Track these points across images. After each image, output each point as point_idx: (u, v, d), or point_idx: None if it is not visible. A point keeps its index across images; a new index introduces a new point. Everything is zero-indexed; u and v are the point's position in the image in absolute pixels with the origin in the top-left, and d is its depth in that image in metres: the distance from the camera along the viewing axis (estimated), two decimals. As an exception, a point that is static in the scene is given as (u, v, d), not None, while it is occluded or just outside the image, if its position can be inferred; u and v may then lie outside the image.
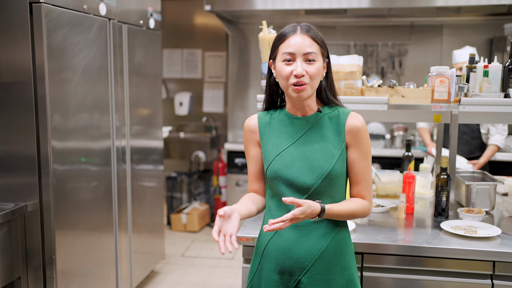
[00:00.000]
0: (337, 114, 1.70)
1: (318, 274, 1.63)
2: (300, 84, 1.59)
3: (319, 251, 1.63)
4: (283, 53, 1.61)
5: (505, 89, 2.45)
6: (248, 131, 1.77)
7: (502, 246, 1.98)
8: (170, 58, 5.86)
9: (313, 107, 1.71)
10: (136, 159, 3.51)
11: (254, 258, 1.76)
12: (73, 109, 2.73)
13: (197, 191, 5.55)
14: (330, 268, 1.64)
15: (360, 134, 1.67)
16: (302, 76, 1.58)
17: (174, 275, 4.01)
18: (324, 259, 1.64)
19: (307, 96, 1.63)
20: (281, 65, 1.62)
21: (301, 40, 1.60)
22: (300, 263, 1.64)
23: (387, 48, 5.02)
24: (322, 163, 1.63)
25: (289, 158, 1.66)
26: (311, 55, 1.60)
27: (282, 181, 1.65)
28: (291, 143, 1.68)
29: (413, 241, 2.04)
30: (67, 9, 2.61)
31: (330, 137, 1.67)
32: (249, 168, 1.80)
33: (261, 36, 2.58)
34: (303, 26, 1.64)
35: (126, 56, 3.28)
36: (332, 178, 1.64)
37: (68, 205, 2.72)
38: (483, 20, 4.82)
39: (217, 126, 5.75)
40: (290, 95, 1.64)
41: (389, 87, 2.46)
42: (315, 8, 4.38)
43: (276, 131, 1.72)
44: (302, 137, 1.68)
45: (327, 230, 1.65)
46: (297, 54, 1.59)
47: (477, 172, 2.78)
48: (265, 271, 1.69)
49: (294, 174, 1.64)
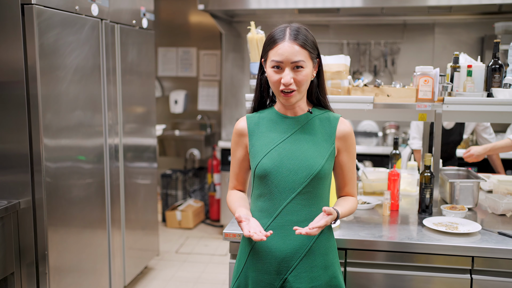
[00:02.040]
0: (328, 117, 1.76)
1: (303, 272, 1.67)
2: (288, 91, 1.65)
3: (305, 249, 1.67)
4: (272, 60, 1.65)
5: (488, 89, 2.50)
6: (237, 134, 1.80)
7: (481, 242, 2.03)
8: (165, 57, 5.90)
9: (303, 107, 1.75)
10: (129, 156, 3.55)
11: (240, 257, 1.79)
12: (65, 108, 2.77)
13: (192, 189, 5.60)
14: (315, 266, 1.69)
15: (350, 139, 1.76)
16: (290, 84, 1.63)
17: (168, 271, 4.07)
18: (309, 257, 1.68)
19: (296, 101, 1.69)
20: (270, 71, 1.67)
21: (289, 48, 1.63)
22: (286, 262, 1.67)
23: (380, 46, 5.07)
24: (312, 163, 1.67)
25: (279, 157, 1.69)
26: (299, 63, 1.63)
27: (271, 179, 1.68)
28: (281, 141, 1.71)
29: (395, 237, 2.09)
30: (59, 10, 2.65)
31: (320, 138, 1.72)
32: (232, 168, 1.85)
33: (249, 36, 2.62)
34: (292, 32, 1.65)
35: (118, 55, 3.33)
36: (320, 178, 1.68)
37: (61, 202, 2.76)
38: (474, 19, 4.87)
39: (211, 124, 5.80)
40: (280, 100, 1.71)
41: (375, 87, 2.51)
42: (308, 7, 4.42)
43: (265, 130, 1.75)
44: (292, 136, 1.72)
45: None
46: (285, 62, 1.63)
47: (462, 169, 2.83)
48: (251, 270, 1.72)
49: (284, 172, 1.67)
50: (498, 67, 2.48)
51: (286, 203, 1.68)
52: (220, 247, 4.65)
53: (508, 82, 2.44)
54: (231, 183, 1.87)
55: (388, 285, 2.07)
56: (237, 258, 1.82)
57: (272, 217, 1.69)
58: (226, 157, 4.91)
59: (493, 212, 2.47)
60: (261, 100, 1.81)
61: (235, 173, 1.84)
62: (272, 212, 1.69)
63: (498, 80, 2.48)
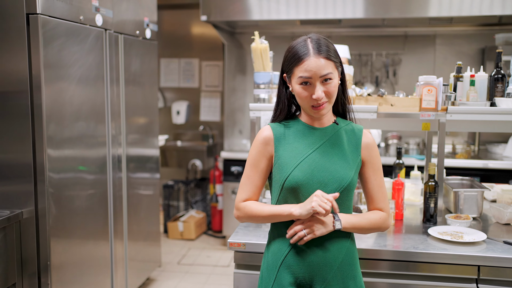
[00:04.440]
0: (352, 129, 1.77)
1: (336, 284, 1.67)
2: (320, 104, 1.65)
3: (338, 261, 1.68)
4: (299, 77, 1.64)
5: (491, 98, 2.50)
6: (261, 143, 1.74)
7: (487, 251, 2.02)
8: (167, 68, 5.92)
9: (330, 117, 1.76)
10: (132, 167, 3.55)
11: (268, 273, 1.73)
12: (69, 118, 2.78)
13: (194, 199, 5.59)
14: (346, 276, 1.69)
15: (374, 151, 1.76)
16: (322, 98, 1.63)
17: (170, 283, 4.04)
18: (342, 268, 1.68)
19: (327, 112, 1.69)
20: (298, 88, 1.65)
21: (316, 63, 1.61)
22: (321, 273, 1.67)
23: (381, 57, 5.09)
24: (342, 175, 1.67)
25: (309, 169, 1.67)
26: (328, 75, 1.63)
27: (302, 191, 1.66)
28: (310, 153, 1.70)
29: (401, 246, 2.08)
30: (63, 20, 2.67)
31: (347, 150, 1.72)
32: (252, 180, 1.75)
33: (253, 46, 2.63)
34: (314, 45, 1.63)
35: (122, 65, 3.34)
36: (349, 190, 1.69)
37: (64, 213, 2.76)
38: (475, 30, 4.90)
39: (213, 134, 5.80)
40: (311, 114, 1.69)
41: (379, 96, 2.52)
42: (310, 18, 4.45)
43: (293, 141, 1.72)
44: (321, 147, 1.71)
45: (344, 240, 1.70)
46: (314, 78, 1.62)
47: (465, 179, 2.83)
48: (283, 285, 1.68)
49: (315, 185, 1.66)
50: (501, 76, 2.48)
51: None
52: (222, 258, 4.63)
53: (511, 92, 2.44)
54: (245, 194, 1.75)
55: (393, 295, 2.05)
56: (261, 276, 1.77)
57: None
58: (228, 167, 4.91)
59: (498, 221, 2.46)
60: (288, 113, 1.78)
61: (256, 185, 1.75)
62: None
63: (501, 89, 2.49)
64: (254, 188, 1.75)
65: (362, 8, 4.35)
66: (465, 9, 4.16)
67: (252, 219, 1.74)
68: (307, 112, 1.72)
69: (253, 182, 1.75)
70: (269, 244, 1.77)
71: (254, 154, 1.74)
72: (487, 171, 4.18)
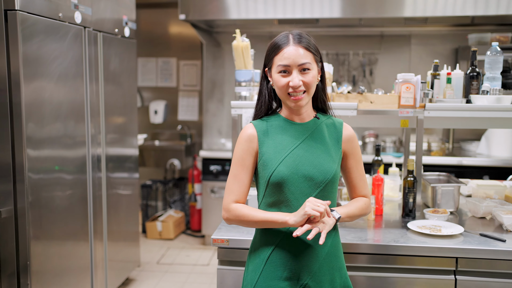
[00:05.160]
0: (333, 122, 1.80)
1: (323, 275, 1.70)
2: (298, 94, 1.66)
3: (324, 253, 1.70)
4: (278, 65, 1.66)
5: (467, 95, 2.57)
6: (246, 140, 1.73)
7: (464, 243, 2.08)
8: (145, 67, 5.89)
9: (310, 113, 1.78)
10: (111, 167, 3.52)
11: (253, 269, 1.74)
12: (48, 116, 2.74)
13: (172, 199, 5.56)
14: (332, 268, 1.73)
15: (355, 142, 1.81)
16: (299, 87, 1.65)
17: (150, 282, 4.02)
18: (327, 261, 1.71)
19: (305, 103, 1.70)
20: (277, 76, 1.68)
21: (295, 51, 1.64)
22: (307, 266, 1.69)
23: (358, 57, 5.16)
24: (326, 168, 1.70)
25: (294, 163, 1.68)
26: (306, 65, 1.65)
27: (287, 186, 1.67)
28: (294, 148, 1.71)
29: (381, 240, 2.13)
30: (42, 17, 2.63)
31: (329, 143, 1.75)
32: (240, 179, 1.72)
33: (234, 44, 2.65)
34: (295, 36, 1.67)
35: (101, 64, 3.31)
36: (334, 182, 1.72)
37: (43, 213, 2.72)
38: (449, 31, 5.01)
39: (192, 134, 5.79)
40: (289, 104, 1.71)
41: (358, 94, 2.56)
42: (288, 17, 4.49)
43: (275, 138, 1.73)
44: (304, 142, 1.73)
45: (328, 233, 1.72)
46: (292, 66, 1.65)
47: (442, 174, 2.90)
48: (270, 279, 1.70)
49: (300, 179, 1.68)
50: (476, 74, 2.56)
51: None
52: (202, 257, 4.63)
53: (485, 89, 2.52)
54: (234, 195, 1.72)
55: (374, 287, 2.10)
56: (249, 267, 1.77)
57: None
58: (207, 166, 4.91)
59: (474, 215, 2.53)
60: (269, 108, 1.79)
61: (244, 184, 1.72)
62: None
63: (476, 87, 2.56)
64: (243, 187, 1.72)
65: (339, 7, 4.41)
66: (439, 9, 4.26)
67: (242, 223, 1.71)
68: (286, 104, 1.73)
69: (240, 180, 1.72)
70: (255, 239, 1.79)
71: (239, 152, 1.73)
72: (461, 167, 4.29)
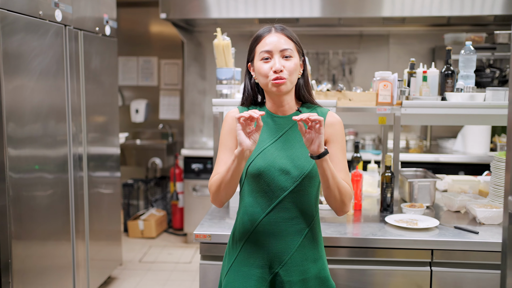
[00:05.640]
0: (316, 113, 1.73)
1: (294, 266, 1.72)
2: (279, 78, 1.66)
3: (296, 244, 1.72)
4: (260, 52, 1.69)
5: (442, 93, 2.65)
6: (230, 122, 1.76)
7: (439, 235, 2.15)
8: (125, 66, 5.87)
9: (293, 105, 1.77)
10: (92, 166, 3.52)
11: (230, 253, 1.80)
12: (29, 115, 2.74)
13: (154, 198, 5.57)
14: (306, 259, 1.74)
15: (338, 129, 1.76)
16: (280, 71, 1.65)
17: (132, 280, 4.03)
18: (300, 252, 1.73)
19: (287, 90, 1.69)
20: (259, 63, 1.69)
21: (277, 38, 1.68)
22: (278, 256, 1.71)
23: (338, 56, 5.24)
24: (303, 162, 1.70)
25: (271, 157, 1.70)
26: (288, 51, 1.67)
27: (264, 178, 1.70)
28: (273, 141, 1.73)
29: (360, 234, 2.18)
30: (22, 15, 2.63)
31: None
32: (222, 158, 1.75)
33: (215, 42, 2.68)
34: (277, 26, 1.72)
35: (82, 62, 3.31)
36: (311, 177, 1.71)
37: (25, 211, 2.72)
38: (426, 31, 5.12)
39: (173, 132, 5.80)
40: (271, 91, 1.70)
41: (337, 91, 2.62)
42: (268, 17, 4.53)
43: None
44: (284, 136, 1.74)
45: (303, 225, 1.73)
46: (274, 51, 1.67)
47: (419, 170, 2.97)
48: (243, 265, 1.74)
49: (276, 172, 1.69)
50: (451, 73, 2.64)
51: (278, 201, 1.71)
52: (184, 255, 4.64)
53: (459, 87, 2.60)
54: (217, 172, 1.75)
55: (353, 280, 2.15)
56: (225, 254, 1.84)
57: (264, 213, 1.71)
58: (189, 165, 4.92)
59: (449, 209, 2.61)
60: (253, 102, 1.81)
61: (225, 163, 1.72)
62: (264, 208, 1.72)
63: (450, 85, 2.64)
64: (224, 166, 1.71)
65: (319, 7, 4.47)
66: (416, 9, 4.35)
67: (220, 188, 1.68)
68: (269, 93, 1.73)
69: (223, 160, 1.75)
70: (234, 226, 1.83)
71: (224, 133, 1.77)
72: (438, 164, 4.39)
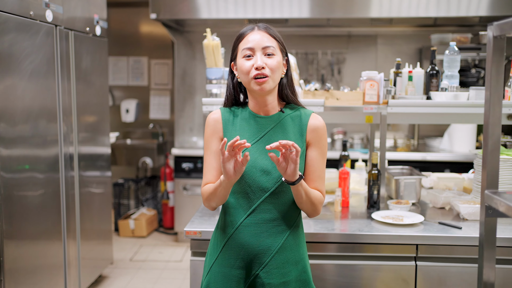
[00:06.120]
0: (299, 114, 1.76)
1: (275, 268, 1.70)
2: (262, 76, 1.64)
3: (277, 246, 1.70)
4: (242, 50, 1.67)
5: (427, 92, 2.71)
6: (212, 124, 1.77)
7: (424, 231, 2.21)
8: (116, 66, 5.89)
9: (275, 105, 1.75)
10: (83, 165, 3.54)
11: (211, 253, 1.80)
12: (20, 115, 2.76)
13: (144, 197, 5.59)
14: (286, 262, 1.72)
15: (321, 133, 1.75)
16: (262, 68, 1.64)
17: (123, 278, 4.05)
18: (281, 254, 1.71)
19: (269, 88, 1.67)
20: (241, 61, 1.68)
21: (260, 36, 1.67)
22: (258, 258, 1.70)
23: (327, 56, 5.30)
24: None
25: (252, 157, 1.69)
26: (270, 49, 1.66)
27: (245, 179, 1.68)
28: (254, 142, 1.72)
29: (347, 230, 2.24)
30: (13, 15, 2.65)
31: (292, 137, 1.72)
32: (209, 163, 1.76)
33: (205, 43, 2.72)
34: (260, 25, 1.71)
35: (73, 62, 3.33)
36: None
37: (17, 211, 2.74)
38: (413, 31, 5.19)
39: (163, 132, 5.82)
40: (253, 89, 1.68)
41: (325, 91, 2.67)
42: (258, 17, 4.57)
43: (239, 129, 1.74)
44: (265, 136, 1.72)
45: (284, 227, 1.72)
46: (256, 48, 1.66)
47: (405, 168, 3.04)
48: (223, 266, 1.73)
49: (257, 173, 1.68)
50: (435, 72, 2.70)
51: (259, 202, 1.70)
52: (175, 254, 4.67)
53: (444, 87, 2.66)
54: (206, 179, 1.76)
55: (341, 275, 2.20)
56: (207, 254, 1.83)
57: (245, 214, 1.71)
58: (179, 164, 4.96)
59: (434, 205, 2.67)
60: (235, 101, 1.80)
61: (213, 167, 1.75)
62: (245, 209, 1.71)
63: (435, 84, 2.70)
64: (213, 171, 1.75)
65: (308, 8, 4.53)
66: (403, 10, 4.42)
67: (211, 199, 1.72)
68: (251, 92, 1.72)
69: (209, 165, 1.76)
70: (216, 226, 1.83)
71: (207, 137, 1.77)
72: (425, 162, 4.47)
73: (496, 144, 1.28)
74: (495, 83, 1.25)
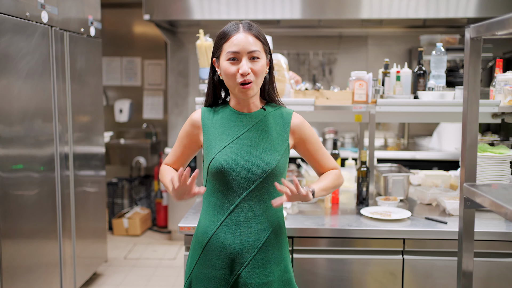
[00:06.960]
0: (281, 113, 1.79)
1: (256, 267, 1.70)
2: (247, 82, 1.65)
3: (258, 245, 1.70)
4: (227, 52, 1.65)
5: (414, 92, 2.79)
6: (190, 123, 1.80)
7: (411, 226, 2.28)
8: (109, 66, 5.93)
9: (257, 103, 1.77)
10: (78, 165, 3.59)
11: (193, 254, 1.78)
12: (16, 115, 2.80)
13: (138, 196, 5.64)
14: (268, 261, 1.72)
15: (306, 127, 1.81)
16: (248, 74, 1.64)
17: (117, 276, 4.10)
18: (263, 253, 1.71)
19: (253, 94, 1.69)
20: (226, 64, 1.66)
21: (245, 38, 1.64)
22: (240, 257, 1.69)
23: (318, 56, 5.37)
24: (267, 159, 1.69)
25: (233, 153, 1.69)
26: (255, 53, 1.65)
27: (225, 176, 1.68)
28: (235, 138, 1.72)
29: (337, 225, 2.31)
30: (9, 16, 2.70)
31: (274, 135, 1.74)
32: (174, 149, 1.87)
33: (198, 43, 2.78)
34: (244, 24, 1.68)
35: (68, 63, 3.38)
36: (275, 174, 1.71)
37: (13, 210, 2.78)
38: (403, 32, 5.28)
39: (157, 132, 5.87)
40: (237, 95, 1.70)
41: (315, 90, 2.74)
42: (250, 18, 4.64)
43: (220, 127, 1.74)
44: (247, 133, 1.72)
45: (266, 225, 1.72)
46: (241, 52, 1.64)
47: (394, 165, 3.11)
48: (205, 267, 1.72)
49: (238, 169, 1.68)
50: (423, 72, 2.78)
51: (240, 199, 1.69)
52: (168, 252, 4.73)
53: (431, 86, 2.74)
54: (168, 159, 1.89)
55: (331, 269, 2.27)
56: (189, 254, 1.82)
57: (226, 213, 1.70)
58: (173, 163, 5.00)
59: (421, 202, 2.75)
60: (215, 98, 1.80)
61: (175, 155, 1.87)
62: (226, 208, 1.71)
63: (423, 84, 2.78)
64: (173, 157, 1.88)
65: (299, 9, 4.60)
66: (393, 11, 4.50)
67: (160, 180, 1.87)
68: (234, 94, 1.73)
69: (174, 151, 1.88)
70: (198, 225, 1.82)
71: (182, 131, 1.84)
72: (415, 161, 4.54)
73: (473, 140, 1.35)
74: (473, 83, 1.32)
